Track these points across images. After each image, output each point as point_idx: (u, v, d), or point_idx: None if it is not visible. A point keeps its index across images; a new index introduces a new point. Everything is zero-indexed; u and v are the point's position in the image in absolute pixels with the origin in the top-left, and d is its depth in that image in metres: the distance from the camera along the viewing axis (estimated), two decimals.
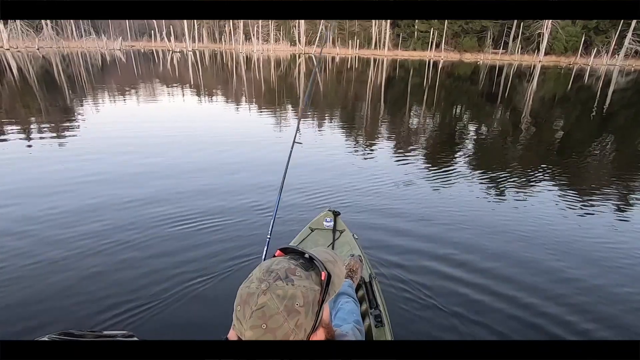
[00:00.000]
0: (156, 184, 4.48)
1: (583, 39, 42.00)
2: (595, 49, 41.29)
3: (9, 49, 33.51)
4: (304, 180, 4.65)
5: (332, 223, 2.54)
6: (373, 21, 50.16)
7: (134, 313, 2.28)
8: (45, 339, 1.81)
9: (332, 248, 2.38)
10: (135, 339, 1.84)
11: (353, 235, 2.48)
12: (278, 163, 5.29)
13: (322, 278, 0.70)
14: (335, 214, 2.58)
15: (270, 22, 51.25)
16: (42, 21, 40.17)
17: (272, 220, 2.29)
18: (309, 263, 0.73)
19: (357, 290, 1.91)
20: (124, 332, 1.18)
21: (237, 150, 6.15)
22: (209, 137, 6.98)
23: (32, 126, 7.28)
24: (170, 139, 6.68)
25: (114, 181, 4.50)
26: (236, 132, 7.68)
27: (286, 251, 0.78)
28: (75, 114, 8.76)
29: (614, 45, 40.81)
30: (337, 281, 0.74)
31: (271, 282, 0.66)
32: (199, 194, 4.17)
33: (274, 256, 0.77)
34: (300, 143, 2.62)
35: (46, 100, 10.40)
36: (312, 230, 2.53)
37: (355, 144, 6.98)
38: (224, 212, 3.70)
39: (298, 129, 2.65)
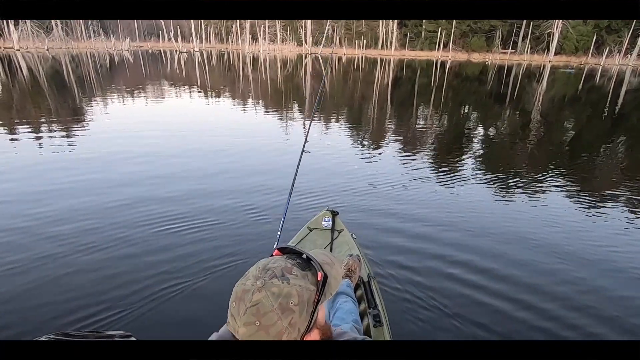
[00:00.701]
0: (152, 183, 4.50)
1: (594, 39, 41.35)
2: (607, 48, 40.62)
3: (19, 50, 34.15)
4: (305, 179, 4.65)
5: (330, 223, 2.53)
6: (380, 21, 50.01)
7: (127, 311, 2.30)
8: (43, 339, 1.82)
9: (331, 248, 2.38)
10: (133, 338, 1.84)
11: (351, 235, 2.48)
12: (285, 165, 5.33)
13: (318, 278, 0.70)
14: (334, 214, 2.57)
15: (277, 22, 51.44)
16: (52, 22, 40.85)
17: (282, 219, 2.29)
18: (306, 263, 0.73)
19: (355, 290, 1.91)
20: (122, 332, 1.17)
21: (243, 153, 6.14)
22: (210, 138, 7.00)
23: (32, 125, 7.38)
24: (170, 140, 6.71)
25: (109, 181, 4.51)
26: (239, 132, 7.70)
27: (284, 251, 0.78)
28: (82, 114, 8.88)
29: (627, 44, 40.11)
30: (333, 283, 0.74)
31: (267, 279, 0.66)
32: (198, 194, 4.18)
33: (272, 255, 0.77)
34: (309, 152, 2.62)
35: (53, 99, 10.57)
36: (310, 230, 2.53)
37: (358, 144, 6.96)
38: (223, 212, 3.70)
39: (307, 138, 2.65)
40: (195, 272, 2.69)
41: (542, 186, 4.82)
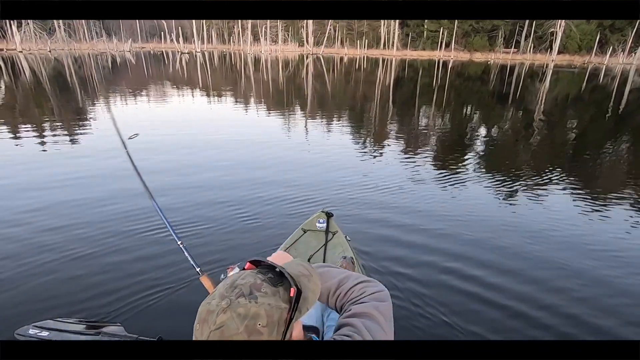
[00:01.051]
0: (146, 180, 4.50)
1: (598, 37, 41.15)
2: (611, 47, 40.41)
3: (21, 51, 34.34)
4: (302, 179, 4.65)
5: (325, 224, 2.52)
6: (382, 21, 49.97)
7: (117, 307, 2.32)
8: (31, 329, 1.83)
9: (325, 249, 2.37)
10: (122, 328, 1.86)
11: (346, 237, 2.47)
12: (279, 163, 5.32)
13: (291, 294, 0.65)
14: (329, 215, 2.57)
15: (278, 23, 51.50)
16: (55, 24, 41.07)
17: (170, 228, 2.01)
18: (279, 278, 0.68)
19: None
20: (112, 323, 1.17)
21: (238, 149, 6.15)
22: (206, 137, 6.97)
23: (33, 125, 7.40)
24: (167, 139, 6.68)
25: (104, 177, 4.53)
26: (237, 131, 7.66)
27: (257, 264, 0.73)
28: (82, 114, 8.92)
29: (631, 43, 39.91)
30: (310, 296, 0.69)
31: (233, 299, 0.61)
32: (193, 191, 4.18)
33: (244, 269, 0.73)
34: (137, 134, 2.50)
35: (55, 100, 10.61)
36: (304, 232, 2.51)
37: (358, 144, 6.94)
38: (217, 211, 3.70)
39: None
40: (182, 274, 2.63)
41: (544, 186, 4.78)
